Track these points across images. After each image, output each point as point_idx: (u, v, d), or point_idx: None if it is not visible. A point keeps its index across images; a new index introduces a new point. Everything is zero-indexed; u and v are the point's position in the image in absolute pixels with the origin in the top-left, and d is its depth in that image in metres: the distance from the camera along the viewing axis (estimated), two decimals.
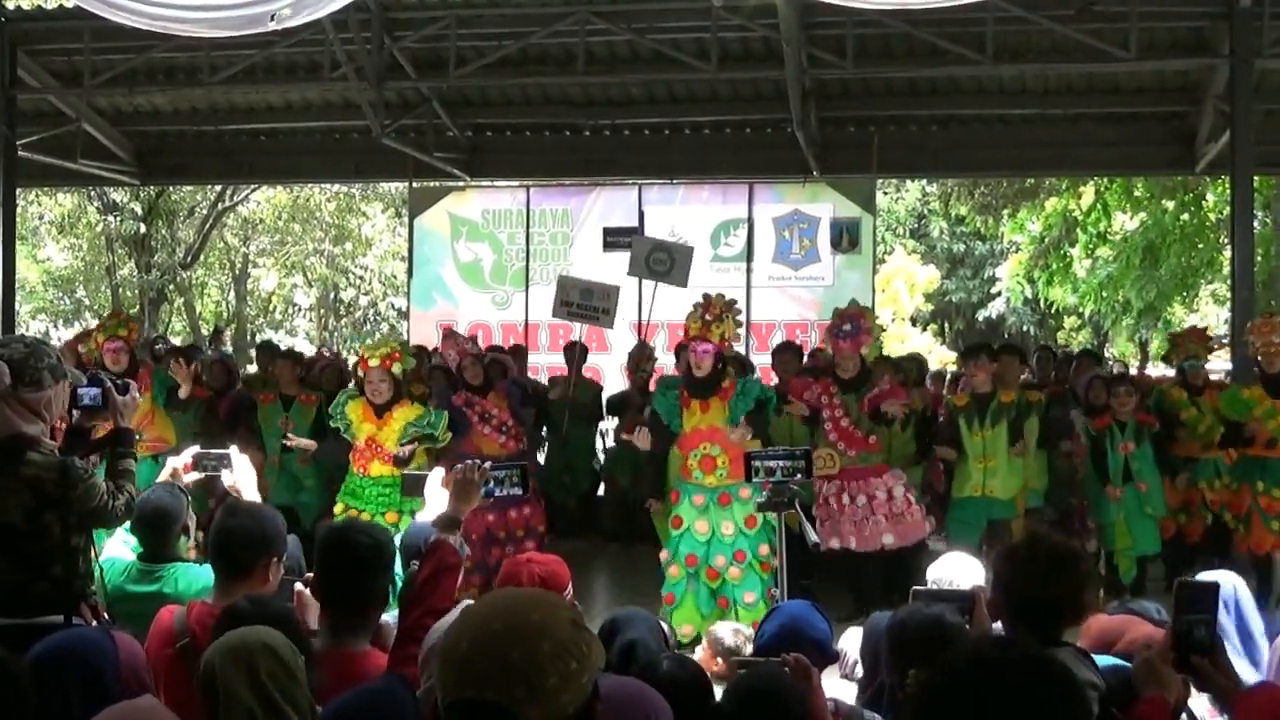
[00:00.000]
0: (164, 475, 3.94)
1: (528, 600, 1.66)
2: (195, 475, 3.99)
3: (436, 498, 3.87)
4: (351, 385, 7.35)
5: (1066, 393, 8.58)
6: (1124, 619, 3.49)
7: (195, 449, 4.08)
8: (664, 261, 9.20)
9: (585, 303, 9.22)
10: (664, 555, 6.73)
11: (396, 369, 6.79)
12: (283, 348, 10.70)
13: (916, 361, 9.84)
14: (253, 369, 11.84)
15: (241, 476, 3.95)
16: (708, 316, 6.65)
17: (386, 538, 3.09)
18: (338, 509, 6.82)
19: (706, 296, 6.83)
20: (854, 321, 7.23)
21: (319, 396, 8.01)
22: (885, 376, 7.33)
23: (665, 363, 9.92)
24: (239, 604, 2.77)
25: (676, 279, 9.25)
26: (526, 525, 7.40)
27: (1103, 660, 2.92)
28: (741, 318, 7.03)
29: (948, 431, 7.48)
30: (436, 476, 4.00)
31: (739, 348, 7.60)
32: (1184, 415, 7.75)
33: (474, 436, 7.47)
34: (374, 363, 6.77)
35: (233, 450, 4.06)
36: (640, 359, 9.28)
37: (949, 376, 10.65)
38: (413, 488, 4.18)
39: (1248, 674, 3.31)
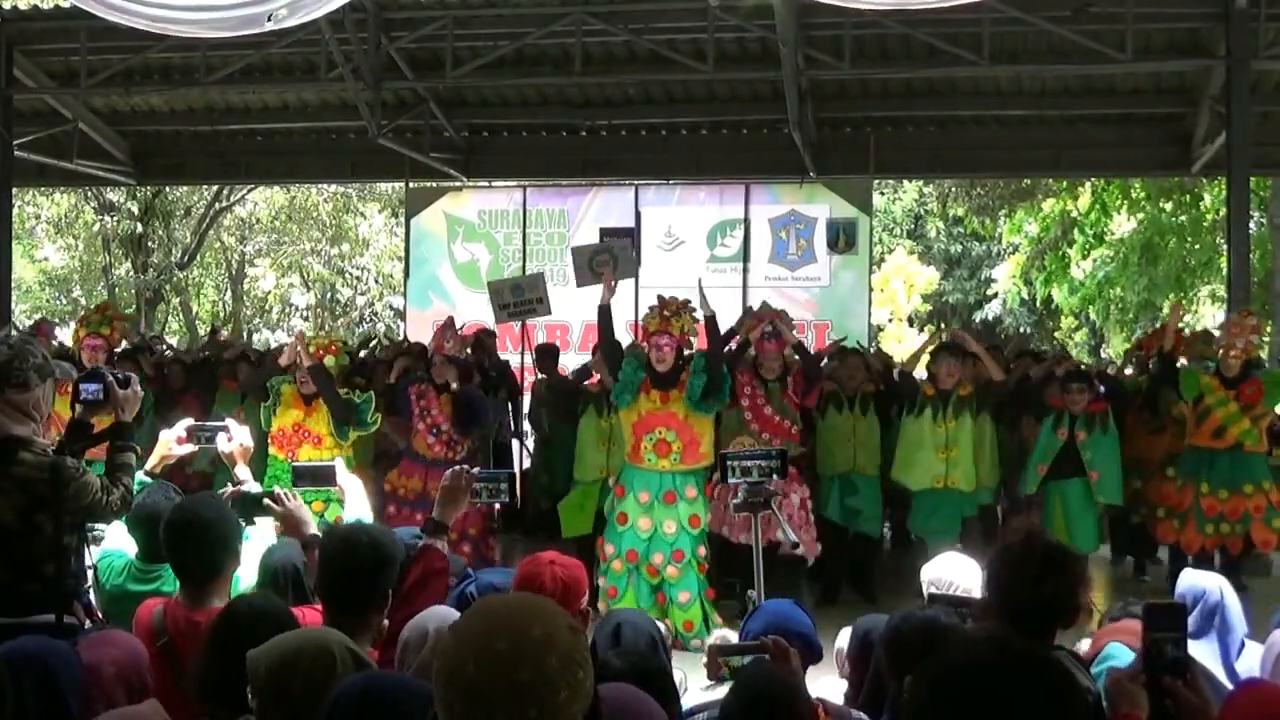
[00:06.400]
0: (157, 452, 3.92)
1: (526, 613, 1.56)
2: (190, 447, 3.98)
3: (353, 489, 3.84)
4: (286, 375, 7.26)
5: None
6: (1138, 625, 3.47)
7: (189, 421, 4.06)
8: (607, 263, 8.81)
9: (519, 299, 9.19)
10: (609, 549, 6.78)
11: (330, 362, 6.79)
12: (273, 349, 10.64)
13: (882, 358, 9.58)
14: None
15: (237, 447, 3.94)
16: (665, 313, 6.81)
17: (389, 539, 3.08)
18: None
19: (660, 297, 6.98)
20: (774, 324, 7.35)
21: None
22: (796, 367, 7.37)
23: None
24: (238, 607, 2.74)
25: (625, 273, 8.98)
26: (461, 529, 7.03)
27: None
28: (697, 315, 7.02)
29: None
30: (342, 466, 3.98)
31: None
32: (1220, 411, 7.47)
33: (407, 429, 7.40)
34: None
35: (231, 422, 4.05)
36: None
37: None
38: (308, 477, 4.02)
39: (1222, 677, 3.32)
